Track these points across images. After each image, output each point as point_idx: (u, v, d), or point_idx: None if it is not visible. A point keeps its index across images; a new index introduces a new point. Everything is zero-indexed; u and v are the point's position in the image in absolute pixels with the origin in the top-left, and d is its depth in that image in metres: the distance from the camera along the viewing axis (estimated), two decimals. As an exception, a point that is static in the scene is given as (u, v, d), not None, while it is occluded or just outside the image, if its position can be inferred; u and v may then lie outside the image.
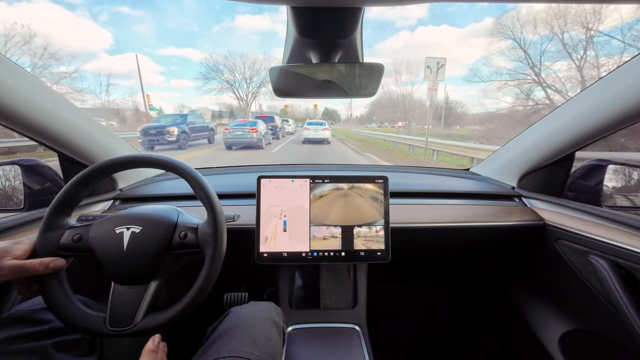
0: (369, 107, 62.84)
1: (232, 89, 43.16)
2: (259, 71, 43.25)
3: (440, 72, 7.39)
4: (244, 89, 43.12)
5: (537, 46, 16.74)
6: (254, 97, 43.91)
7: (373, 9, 0.54)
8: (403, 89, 35.01)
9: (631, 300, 0.64)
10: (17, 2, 62.30)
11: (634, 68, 0.64)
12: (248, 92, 43.40)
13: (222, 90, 42.92)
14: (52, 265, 0.52)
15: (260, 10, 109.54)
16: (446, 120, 25.44)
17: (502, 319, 1.17)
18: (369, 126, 51.14)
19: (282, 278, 0.94)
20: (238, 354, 0.52)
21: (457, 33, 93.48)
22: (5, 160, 0.83)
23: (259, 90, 43.74)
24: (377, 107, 52.28)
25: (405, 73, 36.21)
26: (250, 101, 43.60)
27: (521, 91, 16.60)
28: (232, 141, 10.96)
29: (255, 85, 43.14)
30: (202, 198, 0.59)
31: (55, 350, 0.56)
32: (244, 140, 10.93)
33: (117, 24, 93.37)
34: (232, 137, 10.93)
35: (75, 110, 0.81)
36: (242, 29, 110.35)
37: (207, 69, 41.18)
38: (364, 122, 60.21)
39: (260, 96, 45.70)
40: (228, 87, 42.57)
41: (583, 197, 0.90)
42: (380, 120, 54.22)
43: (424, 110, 37.38)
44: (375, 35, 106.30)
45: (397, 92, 36.46)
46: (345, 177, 0.83)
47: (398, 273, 1.31)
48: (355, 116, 64.31)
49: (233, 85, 42.65)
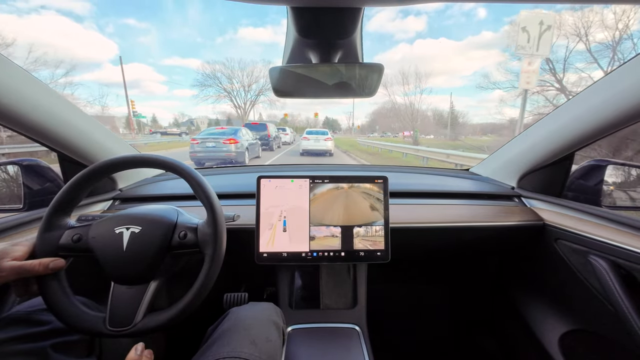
0: (370, 116, 61.78)
1: (230, 96, 41.84)
2: (257, 78, 41.83)
3: (544, 41, 4.42)
4: (242, 97, 42.15)
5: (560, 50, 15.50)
6: (252, 106, 42.67)
7: (372, 20, 0.54)
8: (410, 98, 34.47)
9: (631, 300, 0.64)
10: (26, 15, 62.92)
11: (634, 68, 0.64)
12: (246, 100, 42.26)
13: (220, 99, 41.70)
14: (52, 266, 0.51)
15: (262, 22, 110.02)
16: (452, 130, 24.47)
17: (501, 319, 1.17)
18: (371, 135, 50.28)
19: (282, 278, 0.94)
20: (238, 355, 0.52)
21: (455, 45, 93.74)
22: (5, 160, 0.82)
23: (257, 99, 42.48)
24: (379, 117, 51.93)
25: (412, 83, 35.14)
26: (249, 109, 42.36)
27: (546, 98, 15.77)
28: (200, 156, 8.25)
29: (254, 93, 42.04)
30: (201, 198, 0.59)
31: (54, 351, 0.55)
32: (218, 155, 8.20)
33: (123, 35, 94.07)
34: (200, 149, 8.23)
35: (75, 111, 0.81)
36: (245, 40, 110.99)
37: (204, 77, 40.06)
38: (364, 132, 59.31)
39: (259, 105, 44.07)
40: (226, 95, 41.35)
41: (583, 197, 0.90)
42: (383, 130, 53.40)
43: (426, 120, 37.13)
44: (375, 47, 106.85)
45: (402, 101, 35.89)
46: (345, 177, 0.83)
47: (398, 273, 1.31)
48: (358, 125, 62.11)
49: (230, 93, 41.46)
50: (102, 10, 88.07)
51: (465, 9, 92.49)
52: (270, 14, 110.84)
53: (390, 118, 41.27)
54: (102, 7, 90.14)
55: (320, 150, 11.84)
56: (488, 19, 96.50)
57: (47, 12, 71.07)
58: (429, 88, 19.10)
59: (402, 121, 36.28)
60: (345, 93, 0.67)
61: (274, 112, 57.01)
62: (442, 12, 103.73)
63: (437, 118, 38.78)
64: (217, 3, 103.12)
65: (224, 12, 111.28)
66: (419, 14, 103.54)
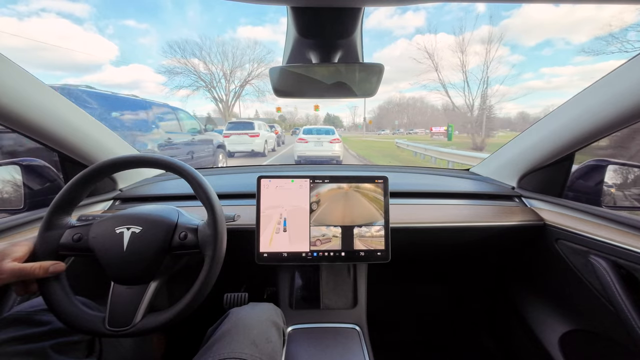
0: (374, 111, 58.03)
1: (208, 87, 31.39)
2: (242, 63, 31.92)
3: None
4: (223, 87, 32.08)
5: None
6: (237, 98, 32.81)
7: (371, 18, 0.54)
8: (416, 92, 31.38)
9: (631, 300, 0.64)
10: (27, 18, 63.02)
11: (634, 68, 0.64)
12: (228, 92, 32.44)
13: (198, 91, 31.81)
14: (52, 269, 0.52)
15: (261, 21, 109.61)
16: (478, 126, 21.25)
17: (502, 319, 1.17)
18: (382, 133, 43.88)
19: (282, 278, 0.94)
20: (238, 356, 0.52)
21: (453, 40, 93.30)
22: (5, 160, 0.82)
23: (242, 90, 32.73)
24: (384, 112, 48.29)
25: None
26: (232, 102, 32.55)
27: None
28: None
29: (240, 82, 32.40)
30: (202, 198, 0.59)
31: (54, 351, 0.55)
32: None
33: (123, 36, 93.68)
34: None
35: (75, 111, 0.81)
36: (244, 39, 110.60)
37: (175, 61, 30.18)
38: (369, 129, 51.50)
39: (253, 99, 35.01)
40: (203, 86, 31.22)
41: (583, 197, 0.90)
42: (393, 127, 47.00)
43: (436, 113, 32.91)
44: (374, 44, 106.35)
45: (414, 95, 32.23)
46: (345, 177, 0.83)
47: (398, 273, 1.31)
48: (370, 120, 51.19)
49: (208, 83, 31.21)
50: (102, 12, 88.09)
51: (463, 5, 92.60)
52: (269, 13, 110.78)
53: (395, 113, 38.48)
54: (102, 9, 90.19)
55: (324, 158, 7.72)
56: (487, 14, 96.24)
57: (48, 15, 71.31)
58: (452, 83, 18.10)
59: (418, 116, 33.13)
60: (346, 93, 0.67)
61: (271, 109, 50.21)
62: (440, 8, 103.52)
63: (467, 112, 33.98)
64: (217, 3, 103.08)
65: (223, 12, 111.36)
66: (417, 10, 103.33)
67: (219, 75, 32.39)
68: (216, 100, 32.63)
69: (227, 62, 32.30)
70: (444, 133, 25.17)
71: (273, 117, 48.99)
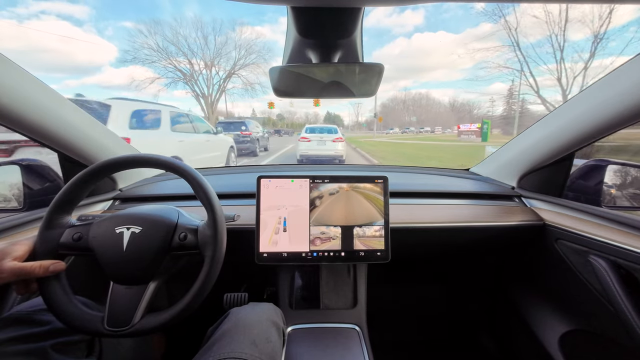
0: (379, 108, 55.43)
1: (186, 79, 26.45)
2: (228, 51, 26.72)
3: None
4: (205, 79, 27.29)
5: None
6: (221, 93, 27.96)
7: (370, 17, 0.54)
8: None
9: (631, 300, 0.64)
10: (27, 20, 63.10)
11: (634, 68, 0.64)
12: (210, 85, 27.42)
13: (175, 83, 26.61)
14: (52, 269, 0.52)
15: (260, 21, 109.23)
16: (507, 123, 18.33)
17: (502, 319, 1.17)
18: (390, 132, 39.64)
19: (282, 278, 0.94)
20: (238, 356, 0.52)
21: (453, 38, 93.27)
22: (5, 160, 0.83)
23: (226, 83, 27.31)
24: (388, 109, 45.89)
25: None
26: (216, 98, 27.59)
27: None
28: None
29: (225, 74, 27.23)
30: (202, 198, 0.59)
31: (54, 351, 0.56)
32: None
33: (122, 37, 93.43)
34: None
35: (75, 110, 0.81)
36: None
37: (147, 48, 24.88)
38: (371, 127, 47.63)
39: (234, 93, 29.14)
40: (181, 78, 26.44)
41: (583, 197, 0.90)
42: (402, 126, 41.85)
43: (441, 109, 29.31)
44: (373, 42, 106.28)
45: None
46: (345, 177, 0.83)
47: (398, 273, 1.31)
48: (380, 117, 46.35)
49: (186, 74, 26.24)
50: (101, 14, 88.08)
51: (462, 3, 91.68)
52: (267, 12, 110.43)
53: (400, 111, 35.94)
54: (101, 10, 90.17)
55: (327, 157, 7.75)
56: (486, 10, 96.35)
57: (48, 17, 71.27)
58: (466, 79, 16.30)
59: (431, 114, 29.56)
60: (346, 93, 0.67)
61: (264, 107, 47.26)
62: (439, 6, 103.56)
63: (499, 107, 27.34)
64: (216, 4, 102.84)
65: (222, 13, 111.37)
66: (416, 8, 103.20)
67: (199, 64, 27.22)
68: (197, 96, 27.71)
69: (207, 48, 27.35)
70: (476, 132, 21.49)
71: (269, 116, 46.20)
